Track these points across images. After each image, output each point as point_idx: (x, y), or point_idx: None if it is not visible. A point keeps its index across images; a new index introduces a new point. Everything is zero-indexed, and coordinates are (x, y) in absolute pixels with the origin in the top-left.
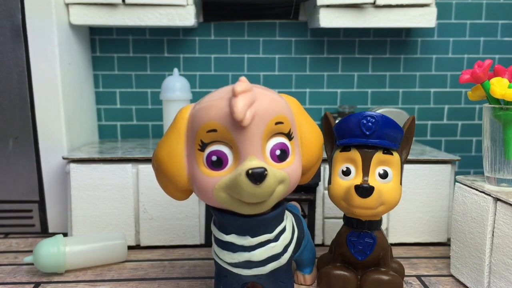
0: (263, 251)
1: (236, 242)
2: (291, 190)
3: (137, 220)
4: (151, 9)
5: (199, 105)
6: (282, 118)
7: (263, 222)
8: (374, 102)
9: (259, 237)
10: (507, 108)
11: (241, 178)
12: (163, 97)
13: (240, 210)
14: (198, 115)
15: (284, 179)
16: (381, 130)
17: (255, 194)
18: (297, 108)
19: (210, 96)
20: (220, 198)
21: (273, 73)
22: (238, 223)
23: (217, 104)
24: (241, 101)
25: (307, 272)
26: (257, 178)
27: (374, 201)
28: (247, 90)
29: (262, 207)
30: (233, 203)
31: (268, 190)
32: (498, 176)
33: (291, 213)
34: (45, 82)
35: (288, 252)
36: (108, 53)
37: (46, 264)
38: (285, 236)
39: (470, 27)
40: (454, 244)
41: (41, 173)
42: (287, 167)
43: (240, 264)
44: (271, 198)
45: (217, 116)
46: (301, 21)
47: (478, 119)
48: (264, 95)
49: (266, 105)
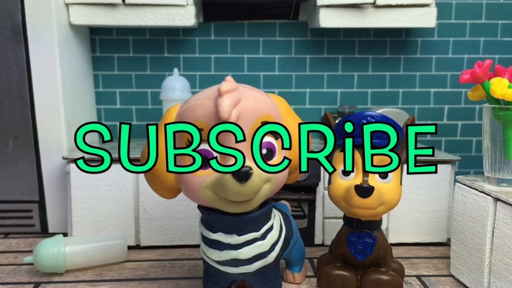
0: (249, 249)
1: (223, 240)
2: (277, 189)
3: (137, 220)
4: (151, 9)
5: (186, 104)
6: (268, 118)
7: (249, 220)
8: (374, 102)
9: (246, 235)
10: (507, 108)
11: (226, 176)
12: (163, 97)
13: (227, 208)
14: (185, 114)
15: (270, 178)
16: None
17: (240, 193)
18: (285, 107)
19: (197, 96)
20: (207, 197)
21: (273, 73)
22: (224, 222)
23: (203, 103)
24: (226, 100)
25: (296, 270)
26: (242, 176)
27: (374, 201)
28: (232, 90)
29: (248, 205)
30: (219, 202)
31: (253, 189)
32: (498, 176)
33: (280, 211)
34: (45, 82)
35: (275, 250)
36: (108, 53)
37: (46, 264)
38: (272, 235)
39: (470, 27)
40: (454, 244)
41: (41, 173)
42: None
43: (227, 262)
44: (257, 196)
45: (203, 116)
46: (301, 21)
47: (478, 119)
48: (250, 95)
49: (251, 105)
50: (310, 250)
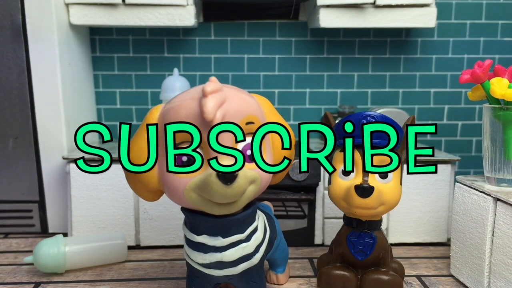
0: (234, 251)
1: (207, 242)
2: (262, 190)
3: (137, 220)
4: (151, 9)
5: (169, 104)
6: (253, 118)
7: (234, 222)
8: (374, 102)
9: (231, 237)
10: (507, 108)
11: (211, 178)
12: (163, 97)
13: (211, 210)
14: (168, 115)
15: (255, 179)
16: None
17: (225, 195)
18: (268, 108)
19: (180, 96)
20: (191, 199)
21: (273, 73)
22: (209, 224)
23: (187, 104)
24: (211, 101)
25: (280, 271)
26: (228, 178)
27: (374, 201)
28: (217, 90)
29: (233, 207)
30: (204, 204)
31: (239, 190)
32: (498, 176)
33: (263, 212)
34: (45, 82)
35: (260, 252)
36: (108, 53)
37: (46, 264)
38: (256, 236)
39: (470, 27)
40: (454, 244)
41: (41, 173)
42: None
43: (212, 264)
44: (242, 198)
45: (187, 116)
46: (301, 21)
47: (478, 119)
48: (235, 95)
49: (236, 105)
50: (310, 250)
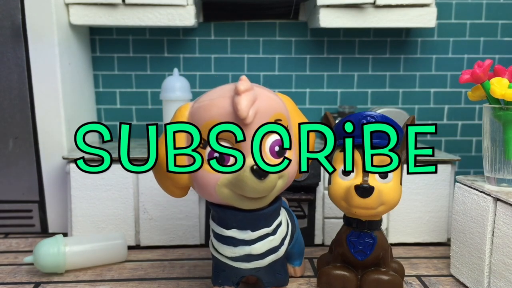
0: (262, 245)
1: (237, 236)
2: (289, 184)
3: (137, 220)
4: (151, 9)
5: (198, 103)
6: (281, 116)
7: (262, 216)
8: (374, 102)
9: (259, 231)
10: (507, 108)
11: (245, 173)
12: (163, 97)
13: (242, 205)
14: (198, 113)
15: (283, 174)
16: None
17: (258, 189)
18: (291, 106)
19: (209, 95)
20: (223, 194)
21: (273, 73)
22: (239, 218)
23: (218, 102)
24: (244, 99)
25: (297, 264)
26: (261, 174)
27: (374, 201)
28: (249, 89)
29: (262, 201)
30: (235, 199)
31: (271, 185)
32: (498, 176)
33: (284, 207)
34: (45, 82)
35: (285, 244)
36: (108, 53)
37: (46, 264)
38: (281, 229)
39: (470, 27)
40: (454, 244)
41: (41, 173)
42: None
43: (241, 258)
44: (272, 192)
45: (218, 114)
46: (301, 21)
47: (478, 119)
48: (264, 94)
49: (266, 104)
50: (310, 250)
